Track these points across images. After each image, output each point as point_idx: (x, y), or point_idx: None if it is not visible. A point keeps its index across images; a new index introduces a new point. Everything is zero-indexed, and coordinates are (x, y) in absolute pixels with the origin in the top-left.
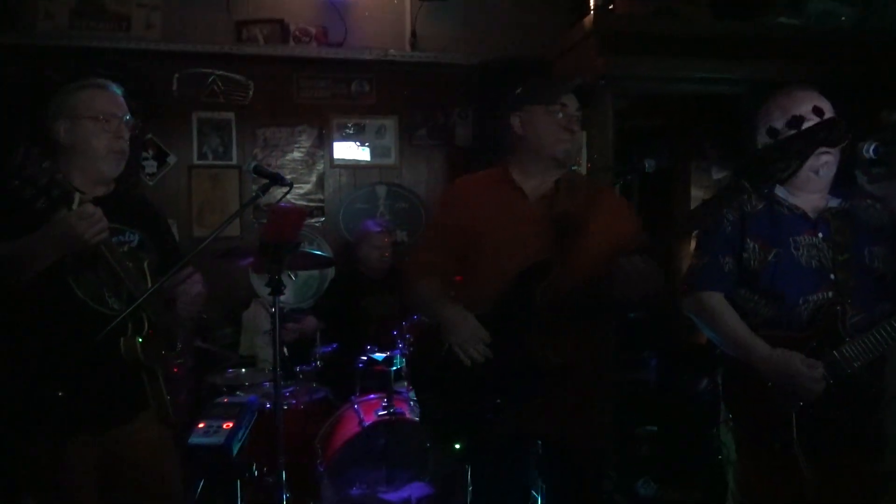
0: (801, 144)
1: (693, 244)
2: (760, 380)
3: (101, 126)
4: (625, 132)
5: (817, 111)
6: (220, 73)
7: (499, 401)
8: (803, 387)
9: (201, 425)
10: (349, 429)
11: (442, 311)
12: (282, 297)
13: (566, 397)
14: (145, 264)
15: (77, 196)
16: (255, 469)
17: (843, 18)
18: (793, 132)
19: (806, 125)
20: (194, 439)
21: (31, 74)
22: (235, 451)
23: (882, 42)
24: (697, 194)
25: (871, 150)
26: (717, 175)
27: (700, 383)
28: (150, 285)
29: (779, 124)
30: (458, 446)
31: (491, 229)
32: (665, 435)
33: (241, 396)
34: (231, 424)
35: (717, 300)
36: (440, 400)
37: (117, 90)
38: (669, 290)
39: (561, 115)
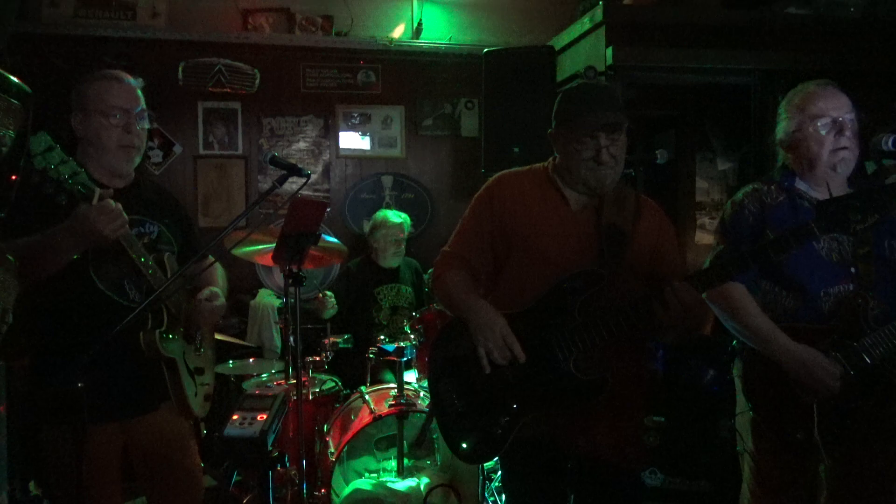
0: (885, 198)
1: (697, 234)
2: (781, 371)
3: (109, 121)
4: (632, 122)
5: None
6: (226, 62)
7: (515, 406)
8: (821, 383)
9: (235, 417)
10: (360, 418)
11: (471, 309)
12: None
13: (599, 414)
14: (165, 256)
15: (98, 191)
16: (288, 460)
17: (852, 9)
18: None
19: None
20: (229, 431)
21: (36, 63)
22: (270, 443)
23: (891, 32)
24: (702, 186)
25: (889, 143)
26: (723, 166)
27: (707, 374)
28: (168, 277)
29: (794, 123)
30: (465, 445)
31: (532, 232)
32: (672, 425)
33: (273, 388)
34: (265, 416)
35: (740, 292)
36: (454, 394)
37: (133, 82)
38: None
39: (589, 146)
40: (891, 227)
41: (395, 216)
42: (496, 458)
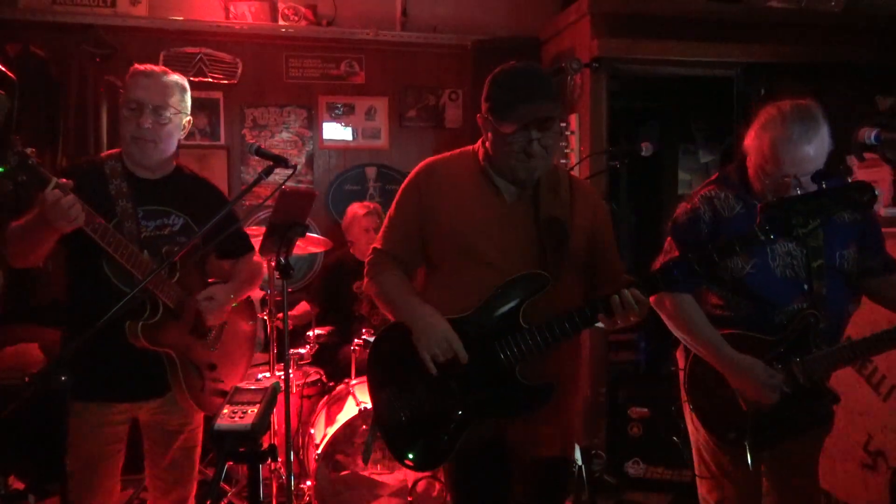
0: (827, 203)
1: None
2: (720, 375)
3: (124, 112)
4: (614, 114)
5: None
6: (208, 51)
7: (460, 413)
8: (760, 393)
9: (226, 410)
10: (345, 411)
11: (413, 312)
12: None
13: (543, 414)
14: (177, 248)
15: (53, 181)
16: (280, 455)
17: (833, 2)
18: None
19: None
20: (220, 425)
21: (14, 50)
22: (261, 437)
23: (870, 25)
24: (685, 178)
25: (872, 137)
26: (705, 159)
27: None
28: (178, 270)
29: (754, 146)
30: (411, 455)
31: (467, 228)
32: (655, 416)
33: (263, 381)
34: (256, 409)
35: (686, 302)
36: (397, 404)
37: (164, 78)
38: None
39: (519, 138)
40: (842, 237)
41: (364, 207)
42: (443, 464)
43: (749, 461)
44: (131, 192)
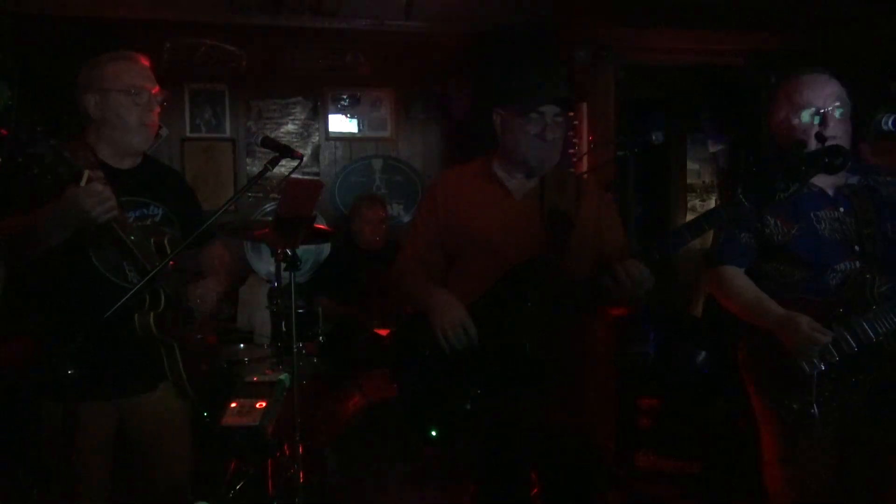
0: (804, 168)
1: (688, 216)
2: (781, 346)
3: (131, 99)
4: (622, 104)
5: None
6: (212, 43)
7: (479, 391)
8: (807, 348)
9: (234, 405)
10: (354, 405)
11: (430, 296)
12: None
13: (557, 394)
14: (166, 239)
15: (86, 173)
16: (288, 449)
17: None
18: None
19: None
20: (228, 420)
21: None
22: (270, 432)
23: (885, 11)
24: (693, 168)
25: (889, 123)
26: (713, 148)
27: (698, 356)
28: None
29: (781, 113)
30: (434, 433)
31: (477, 226)
32: (664, 407)
33: (271, 375)
34: (264, 404)
35: (731, 272)
36: (419, 384)
37: (146, 62)
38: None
39: (535, 123)
40: (893, 209)
41: (368, 199)
42: (463, 440)
43: (820, 424)
44: (110, 183)
